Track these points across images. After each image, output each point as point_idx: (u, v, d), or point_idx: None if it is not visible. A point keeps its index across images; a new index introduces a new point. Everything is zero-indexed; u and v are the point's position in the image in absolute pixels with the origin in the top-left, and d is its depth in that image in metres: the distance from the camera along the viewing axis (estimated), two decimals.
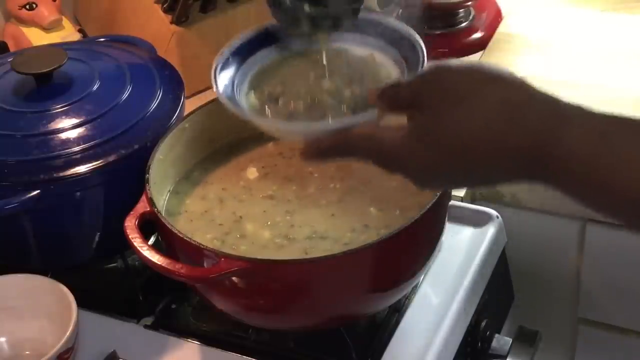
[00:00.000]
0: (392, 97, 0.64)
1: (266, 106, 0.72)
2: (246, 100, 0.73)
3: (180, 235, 0.73)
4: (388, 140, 0.61)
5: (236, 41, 0.77)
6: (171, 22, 1.14)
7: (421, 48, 0.73)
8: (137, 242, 0.72)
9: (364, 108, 0.68)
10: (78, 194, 0.82)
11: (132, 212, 0.75)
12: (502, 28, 1.22)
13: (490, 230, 0.93)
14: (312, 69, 0.75)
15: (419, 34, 0.75)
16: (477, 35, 1.23)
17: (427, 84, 0.61)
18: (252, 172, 0.87)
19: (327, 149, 0.65)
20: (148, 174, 0.79)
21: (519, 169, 0.57)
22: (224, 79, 0.74)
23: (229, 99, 0.71)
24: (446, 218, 0.81)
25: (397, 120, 0.63)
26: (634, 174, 0.53)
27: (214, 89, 0.72)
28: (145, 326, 0.86)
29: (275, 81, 0.75)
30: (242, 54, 0.77)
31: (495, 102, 0.57)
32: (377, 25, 0.76)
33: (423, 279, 0.87)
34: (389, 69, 0.75)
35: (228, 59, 0.76)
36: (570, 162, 0.54)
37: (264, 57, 0.77)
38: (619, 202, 0.54)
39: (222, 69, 0.74)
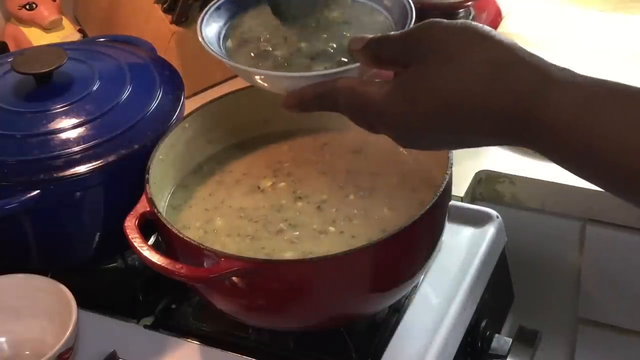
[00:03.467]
0: (376, 50, 0.62)
1: (252, 53, 0.72)
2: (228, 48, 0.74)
3: (180, 235, 0.73)
4: (371, 94, 0.60)
5: None
6: (171, 22, 1.14)
7: (410, 7, 0.73)
8: (137, 242, 0.72)
9: (350, 61, 0.67)
10: (78, 194, 0.82)
11: (132, 212, 0.75)
12: (502, 28, 1.22)
13: (490, 230, 0.93)
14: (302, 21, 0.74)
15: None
16: None
17: (416, 39, 0.59)
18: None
19: (309, 100, 0.65)
20: (148, 174, 0.79)
21: (504, 129, 0.56)
22: (212, 28, 0.74)
23: (210, 43, 0.71)
24: (446, 218, 0.81)
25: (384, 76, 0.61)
26: (615, 138, 0.52)
27: (198, 34, 0.72)
28: (145, 326, 0.86)
29: (260, 29, 0.74)
30: (235, 8, 0.77)
31: (483, 61, 0.55)
32: None
33: (423, 279, 0.87)
34: (384, 27, 0.74)
35: (219, 8, 0.76)
36: (554, 125, 0.53)
37: (256, 14, 0.77)
38: (600, 167, 0.54)
39: (212, 18, 0.75)
